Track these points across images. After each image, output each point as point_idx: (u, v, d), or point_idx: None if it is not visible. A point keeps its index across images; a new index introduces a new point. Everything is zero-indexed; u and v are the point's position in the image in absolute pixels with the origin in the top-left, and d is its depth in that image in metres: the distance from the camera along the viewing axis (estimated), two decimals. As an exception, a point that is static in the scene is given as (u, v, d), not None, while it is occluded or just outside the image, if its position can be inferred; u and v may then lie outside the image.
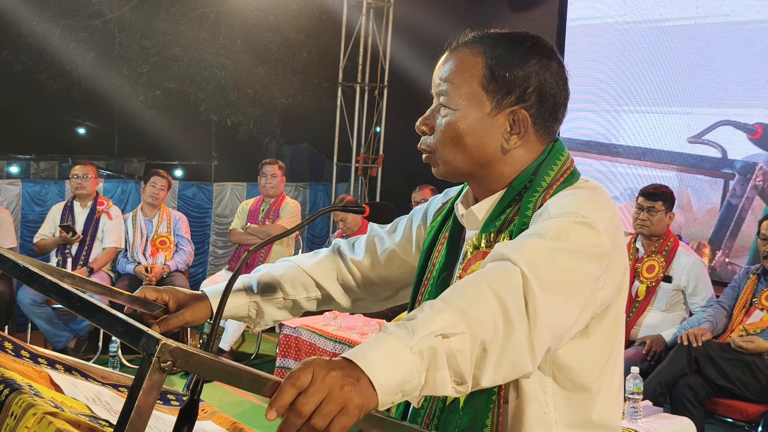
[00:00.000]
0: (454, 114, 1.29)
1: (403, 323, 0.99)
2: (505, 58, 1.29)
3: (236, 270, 1.24)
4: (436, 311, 1.00)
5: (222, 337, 6.06)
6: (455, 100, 1.29)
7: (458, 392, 1.01)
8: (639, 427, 3.07)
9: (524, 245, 1.13)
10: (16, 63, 8.82)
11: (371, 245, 1.61)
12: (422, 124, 1.34)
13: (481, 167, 1.32)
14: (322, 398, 0.88)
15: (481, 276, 1.09)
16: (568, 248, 1.13)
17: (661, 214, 4.24)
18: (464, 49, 1.32)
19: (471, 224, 1.36)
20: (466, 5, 6.81)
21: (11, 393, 1.02)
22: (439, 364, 0.97)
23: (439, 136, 1.32)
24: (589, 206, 1.20)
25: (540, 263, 1.09)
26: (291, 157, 12.33)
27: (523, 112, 1.29)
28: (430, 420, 1.30)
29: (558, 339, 1.11)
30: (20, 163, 11.99)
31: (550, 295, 1.08)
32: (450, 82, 1.30)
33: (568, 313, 1.12)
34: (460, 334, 0.99)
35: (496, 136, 1.29)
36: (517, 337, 1.03)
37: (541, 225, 1.18)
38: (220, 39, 8.73)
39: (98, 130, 13.05)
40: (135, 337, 0.85)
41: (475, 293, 1.04)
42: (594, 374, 1.26)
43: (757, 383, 3.74)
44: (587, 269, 1.14)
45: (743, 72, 5.27)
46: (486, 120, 1.29)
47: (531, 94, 1.28)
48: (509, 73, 1.28)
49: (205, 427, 1.28)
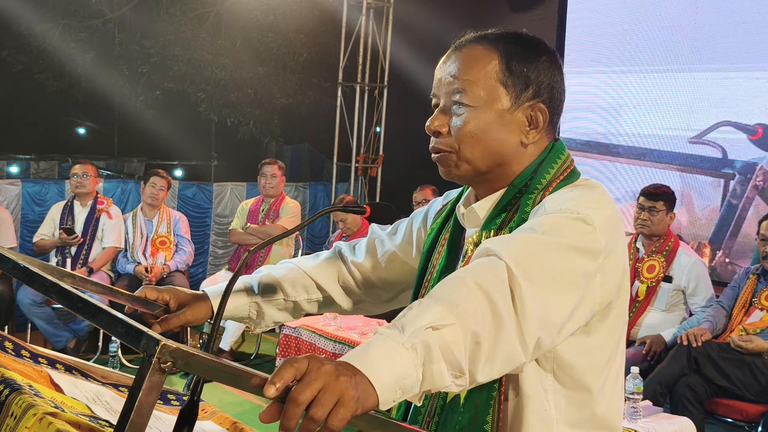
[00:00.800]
0: (474, 111, 1.27)
1: (393, 323, 0.99)
2: (519, 53, 1.28)
3: (237, 270, 1.24)
4: (424, 307, 1.00)
5: (222, 337, 6.06)
6: (474, 97, 1.27)
7: (458, 386, 1.00)
8: (639, 427, 3.07)
9: (513, 240, 1.13)
10: (16, 63, 8.82)
11: (372, 247, 1.61)
12: (437, 125, 1.30)
13: (499, 165, 1.30)
14: (319, 388, 0.87)
15: (467, 271, 1.08)
16: (559, 242, 1.13)
17: (662, 214, 4.24)
18: (476, 45, 1.30)
19: (472, 222, 1.35)
20: (466, 5, 6.80)
21: (11, 393, 1.02)
22: (435, 357, 0.96)
23: (459, 135, 1.28)
24: (586, 204, 1.19)
25: (527, 256, 1.09)
26: (291, 157, 12.33)
27: (542, 106, 1.29)
28: (430, 418, 1.30)
29: (552, 332, 1.10)
30: (20, 163, 12.00)
31: (537, 287, 1.07)
32: (465, 79, 1.27)
33: (559, 306, 1.11)
34: (450, 326, 0.98)
35: (516, 132, 1.29)
36: (506, 330, 1.03)
37: (536, 220, 1.18)
38: (220, 39, 8.73)
39: (98, 130, 13.06)
40: (135, 338, 0.84)
41: (461, 288, 1.04)
42: (595, 373, 1.26)
43: (756, 383, 3.74)
44: (579, 264, 1.14)
45: (744, 72, 5.27)
46: (506, 115, 1.28)
47: (545, 90, 1.29)
48: (526, 68, 1.28)
49: (205, 427, 1.28)
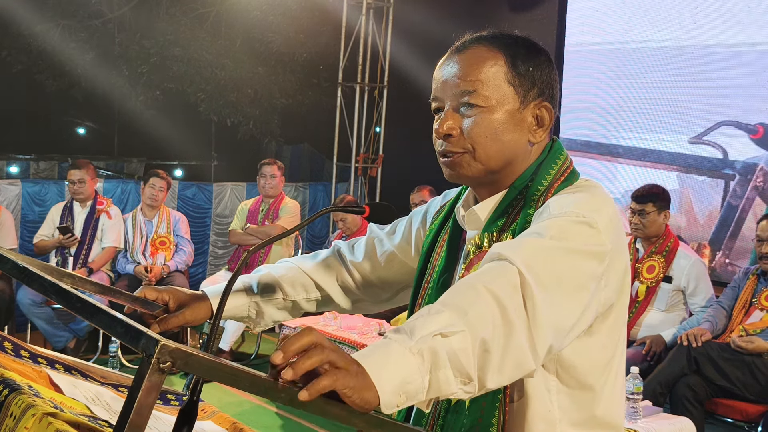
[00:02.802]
0: (485, 111, 1.27)
1: (402, 327, 0.99)
2: (522, 53, 1.29)
3: (236, 270, 1.24)
4: (434, 313, 1.00)
5: (222, 337, 6.03)
6: (484, 97, 1.26)
7: (466, 392, 1.00)
8: (639, 427, 3.06)
9: (522, 244, 1.13)
10: (16, 63, 8.82)
11: (371, 247, 1.61)
12: (449, 128, 1.28)
13: (509, 164, 1.30)
14: (321, 360, 0.89)
15: (477, 277, 1.08)
16: (567, 247, 1.13)
17: (654, 215, 4.20)
18: (479, 46, 1.30)
19: (472, 224, 1.35)
20: (466, 5, 6.80)
21: (11, 393, 1.02)
22: (441, 363, 0.96)
23: (473, 136, 1.27)
24: (589, 206, 1.20)
25: (538, 262, 1.09)
26: (291, 157, 12.33)
27: (548, 105, 1.30)
28: (434, 421, 1.30)
29: (561, 337, 1.11)
30: (20, 163, 11.99)
31: (549, 293, 1.07)
32: (474, 80, 1.27)
33: (568, 311, 1.11)
34: (459, 333, 0.98)
35: (525, 132, 1.30)
36: (517, 336, 1.02)
37: (541, 224, 1.18)
38: (220, 39, 8.73)
39: (98, 130, 13.06)
40: (134, 338, 0.84)
41: (472, 294, 1.04)
42: (597, 373, 1.26)
43: (756, 383, 3.73)
44: (587, 268, 1.14)
45: (744, 72, 5.27)
46: (516, 114, 1.28)
47: (547, 88, 1.31)
48: (530, 67, 1.29)
49: (205, 427, 1.28)
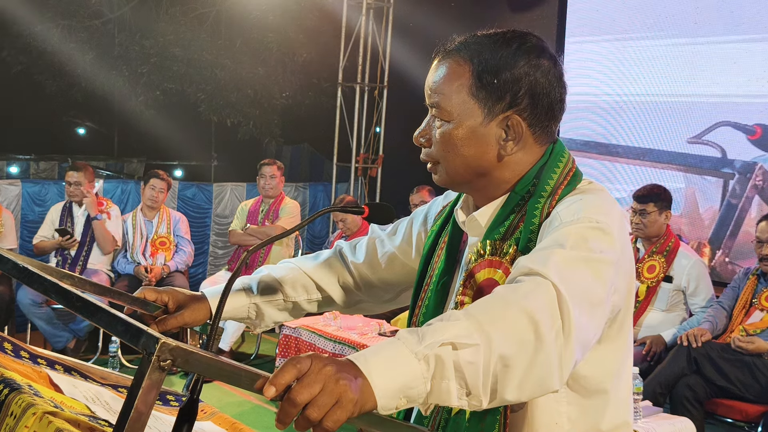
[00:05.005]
0: (447, 125, 1.28)
1: (416, 329, 0.98)
2: (492, 63, 1.26)
3: (235, 270, 1.24)
4: (453, 321, 0.99)
5: (221, 338, 6.05)
6: (447, 111, 1.28)
7: (470, 405, 0.99)
8: (639, 427, 3.06)
9: (550, 257, 1.10)
10: (16, 63, 8.81)
11: (372, 248, 1.60)
12: (420, 136, 1.34)
13: (481, 176, 1.31)
14: (317, 390, 0.88)
15: (509, 290, 1.06)
16: (589, 257, 1.12)
17: (655, 215, 4.20)
18: (450, 58, 1.30)
19: (473, 231, 1.34)
20: (466, 5, 6.80)
21: (11, 392, 1.02)
22: (446, 374, 0.95)
23: (437, 148, 1.31)
24: (600, 210, 1.19)
25: (570, 276, 1.07)
26: (291, 157, 12.33)
27: (516, 117, 1.27)
28: (435, 426, 1.29)
29: (585, 351, 1.09)
30: (20, 163, 12.00)
31: (580, 308, 1.06)
32: (440, 93, 1.29)
33: (594, 325, 1.10)
34: (473, 346, 0.96)
35: (492, 144, 1.28)
36: (546, 353, 1.00)
37: (559, 234, 1.16)
38: (219, 39, 8.73)
39: (98, 130, 13.07)
40: (135, 336, 0.84)
41: (501, 308, 1.02)
42: (610, 378, 1.26)
43: (756, 384, 3.73)
44: (606, 277, 1.13)
45: (744, 72, 5.27)
46: (479, 129, 1.27)
47: (522, 97, 1.26)
48: (497, 78, 1.26)
49: (204, 427, 1.28)
